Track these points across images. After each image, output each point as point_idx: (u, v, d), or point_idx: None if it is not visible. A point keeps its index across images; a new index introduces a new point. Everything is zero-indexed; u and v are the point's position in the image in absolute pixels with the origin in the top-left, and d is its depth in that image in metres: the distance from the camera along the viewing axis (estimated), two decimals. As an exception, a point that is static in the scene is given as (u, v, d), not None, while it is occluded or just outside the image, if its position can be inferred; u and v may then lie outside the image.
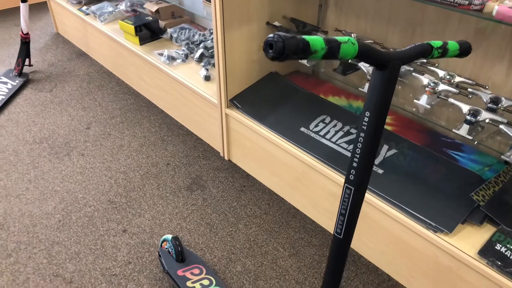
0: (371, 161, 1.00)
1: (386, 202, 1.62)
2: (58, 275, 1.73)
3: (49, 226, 1.94)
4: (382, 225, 1.66)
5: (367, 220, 1.72)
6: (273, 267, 1.78)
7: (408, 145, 1.80)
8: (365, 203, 1.68)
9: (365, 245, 1.79)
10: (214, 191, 2.13)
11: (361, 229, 1.76)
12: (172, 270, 1.65)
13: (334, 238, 1.08)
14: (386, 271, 1.76)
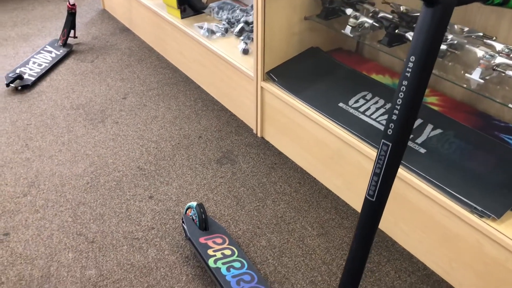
0: (414, 115, 0.89)
1: (427, 183, 1.49)
2: (81, 234, 1.72)
3: (77, 187, 1.94)
4: (421, 208, 1.53)
5: (405, 203, 1.59)
6: (299, 245, 1.69)
7: (456, 126, 1.65)
8: (403, 183, 1.56)
9: (400, 231, 1.67)
10: (244, 166, 2.06)
11: (397, 213, 1.64)
12: (194, 237, 1.59)
13: (366, 201, 0.98)
14: (422, 259, 1.63)
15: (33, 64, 2.77)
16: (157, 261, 1.62)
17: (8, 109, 2.43)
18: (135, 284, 1.54)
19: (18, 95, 2.55)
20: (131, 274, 1.57)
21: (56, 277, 1.55)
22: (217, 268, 1.49)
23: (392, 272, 1.59)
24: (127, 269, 1.59)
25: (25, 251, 1.65)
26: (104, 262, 1.61)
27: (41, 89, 2.62)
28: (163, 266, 1.60)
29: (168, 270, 1.59)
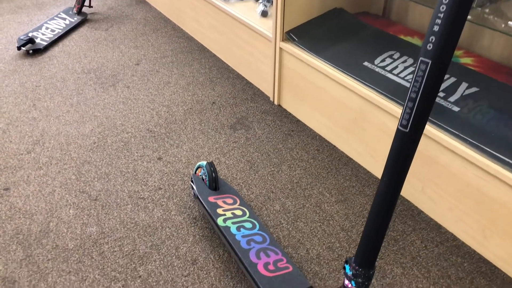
0: (459, 26, 0.75)
1: (461, 142, 1.34)
2: (84, 191, 1.62)
3: (83, 146, 1.84)
4: (454, 171, 1.39)
5: (435, 167, 1.45)
6: (316, 211, 1.56)
7: (494, 83, 1.50)
8: (433, 143, 1.41)
9: (428, 198, 1.52)
10: (259, 132, 1.94)
11: (425, 178, 1.50)
12: (203, 196, 1.47)
13: (398, 134, 0.85)
14: (451, 230, 1.48)
15: (46, 30, 2.70)
16: (162, 221, 1.51)
17: (18, 71, 2.36)
18: (138, 242, 1.43)
19: (29, 59, 2.48)
20: (134, 233, 1.46)
21: (55, 233, 1.46)
22: (226, 227, 1.37)
23: (418, 242, 1.45)
24: (130, 228, 1.48)
25: (24, 206, 1.56)
26: (106, 220, 1.51)
27: (53, 53, 2.55)
28: (169, 226, 1.49)
29: (174, 230, 1.48)
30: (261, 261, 1.27)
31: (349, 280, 0.97)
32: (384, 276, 1.34)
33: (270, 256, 1.30)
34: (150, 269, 1.35)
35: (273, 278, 1.22)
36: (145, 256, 1.39)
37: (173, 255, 1.39)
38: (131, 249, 1.41)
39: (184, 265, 1.36)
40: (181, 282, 1.31)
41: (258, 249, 1.31)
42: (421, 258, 1.40)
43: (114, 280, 1.31)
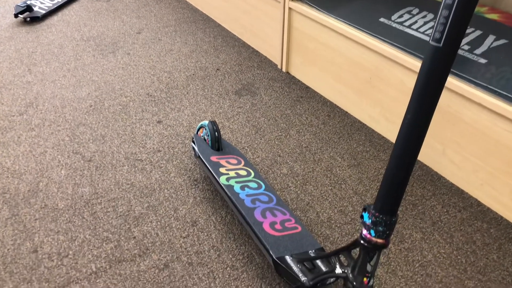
0: None
1: (489, 93, 1.21)
2: (78, 152, 1.51)
3: (78, 109, 1.73)
4: (480, 128, 1.26)
5: (457, 125, 1.32)
6: (326, 175, 1.44)
7: (524, 36, 1.37)
8: (457, 98, 1.29)
9: (449, 162, 1.39)
10: (266, 98, 1.82)
11: (447, 139, 1.37)
12: (205, 155, 1.36)
13: (429, 50, 0.72)
14: (475, 195, 1.36)
15: (45, -1, 2.59)
16: (161, 182, 1.40)
17: (14, 38, 2.26)
18: (134, 203, 1.32)
19: (26, 26, 2.38)
20: (130, 194, 1.35)
21: (45, 193, 1.35)
22: (229, 185, 1.25)
23: (439, 207, 1.32)
24: (126, 189, 1.37)
25: (13, 165, 1.45)
26: (100, 181, 1.40)
27: (51, 22, 2.44)
28: (168, 187, 1.38)
29: (173, 191, 1.36)
30: (267, 220, 1.16)
31: (367, 229, 0.85)
32: (403, 240, 1.22)
33: (277, 215, 1.18)
34: (145, 230, 1.23)
35: (280, 238, 1.10)
36: (140, 217, 1.28)
37: (171, 217, 1.28)
38: (125, 210, 1.30)
39: (183, 227, 1.25)
40: (179, 243, 1.20)
41: (264, 208, 1.19)
42: (442, 223, 1.27)
43: (106, 240, 1.20)
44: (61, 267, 1.13)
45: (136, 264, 1.14)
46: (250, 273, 1.12)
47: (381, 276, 1.12)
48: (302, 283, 0.99)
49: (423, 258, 1.17)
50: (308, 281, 0.99)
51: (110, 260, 1.15)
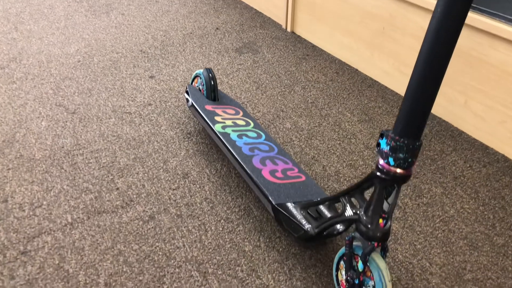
0: None
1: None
2: (61, 105, 1.38)
3: (65, 64, 1.60)
4: (510, 71, 1.11)
5: (482, 70, 1.17)
6: (334, 129, 1.30)
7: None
8: (482, 37, 1.14)
9: (472, 115, 1.25)
10: (269, 56, 1.68)
11: (468, 88, 1.22)
12: (199, 103, 1.22)
13: None
14: (501, 150, 1.21)
15: (37, -37, 2.46)
16: (150, 135, 1.26)
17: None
18: (119, 155, 1.18)
19: (16, -12, 2.25)
20: (115, 145, 1.22)
21: (21, 143, 1.21)
22: (224, 133, 1.11)
23: (461, 162, 1.18)
24: (111, 140, 1.23)
25: (-11, 117, 1.32)
26: (84, 133, 1.26)
27: (43, -15, 2.31)
28: (158, 140, 1.24)
29: (163, 144, 1.23)
30: (267, 167, 1.01)
31: (385, 157, 0.71)
32: (420, 195, 1.07)
33: (278, 164, 1.04)
34: (130, 181, 1.10)
35: (281, 185, 0.96)
36: (126, 168, 1.14)
37: (160, 169, 1.14)
38: (109, 161, 1.16)
39: (172, 179, 1.11)
40: (168, 195, 1.06)
41: (263, 157, 1.05)
42: (465, 178, 1.13)
43: (86, 191, 1.07)
44: (32, 217, 0.99)
45: (118, 216, 1.00)
46: (247, 226, 0.98)
47: (396, 232, 0.98)
48: (306, 231, 0.85)
49: (444, 214, 1.02)
50: (312, 229, 0.85)
51: (88, 211, 1.01)
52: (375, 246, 0.75)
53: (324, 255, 0.92)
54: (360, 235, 0.76)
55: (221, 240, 0.95)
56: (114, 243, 0.94)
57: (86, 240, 0.94)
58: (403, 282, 0.87)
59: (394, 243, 0.95)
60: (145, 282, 0.86)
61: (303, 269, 0.89)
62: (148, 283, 0.86)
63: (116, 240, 0.94)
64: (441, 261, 0.91)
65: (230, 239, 0.95)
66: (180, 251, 0.93)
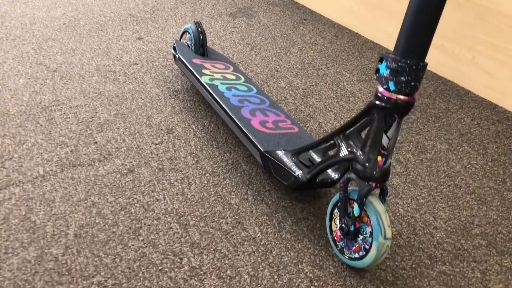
0: None
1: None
2: (42, 63, 1.30)
3: (50, 26, 1.52)
4: (520, 19, 1.03)
5: (493, 21, 1.09)
6: (332, 88, 1.21)
7: None
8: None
9: (480, 72, 1.16)
10: (264, 20, 1.60)
11: (477, 43, 1.14)
12: (186, 57, 1.14)
13: None
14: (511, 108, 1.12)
15: None
16: (134, 92, 1.18)
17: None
18: (100, 111, 1.10)
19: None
20: (96, 102, 1.13)
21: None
22: (212, 85, 1.03)
23: (467, 120, 1.09)
24: (92, 97, 1.15)
25: (-35, 74, 1.24)
26: (64, 90, 1.18)
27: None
28: (142, 97, 1.16)
29: (148, 101, 1.14)
30: (256, 118, 0.93)
31: (384, 82, 0.62)
32: (424, 151, 0.99)
33: (269, 116, 0.96)
34: (110, 136, 1.02)
35: (271, 135, 0.88)
36: (106, 123, 1.06)
37: (142, 124, 1.06)
38: (89, 117, 1.08)
39: (156, 134, 1.03)
40: (150, 149, 0.98)
41: (253, 108, 0.97)
42: (472, 135, 1.04)
43: (61, 145, 0.98)
44: (1, 169, 0.91)
45: (94, 169, 0.92)
46: (234, 179, 0.90)
47: (397, 186, 0.90)
48: (296, 178, 0.77)
49: (450, 169, 0.94)
50: (304, 175, 0.76)
51: (62, 164, 0.93)
52: (372, 186, 0.66)
53: (317, 208, 0.84)
54: (356, 176, 0.68)
55: (205, 193, 0.87)
56: (87, 195, 0.86)
57: (57, 192, 0.86)
58: (404, 236, 0.79)
59: (395, 198, 0.87)
60: (119, 233, 0.78)
61: (294, 222, 0.81)
62: (122, 234, 0.78)
63: (90, 192, 0.86)
64: (446, 216, 0.83)
65: (215, 192, 0.87)
66: (160, 203, 0.84)
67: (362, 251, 0.69)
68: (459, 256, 0.76)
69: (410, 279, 0.72)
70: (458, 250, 0.77)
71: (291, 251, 0.75)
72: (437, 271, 0.73)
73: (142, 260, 0.73)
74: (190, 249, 0.75)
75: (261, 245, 0.76)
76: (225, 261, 0.73)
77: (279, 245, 0.76)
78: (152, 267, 0.72)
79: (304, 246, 0.76)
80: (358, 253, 0.70)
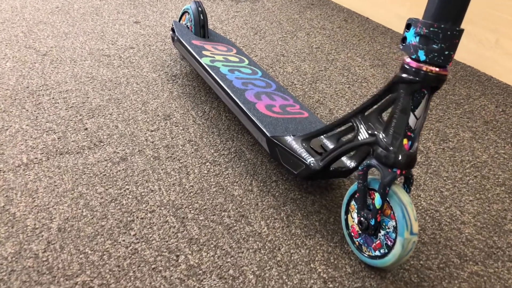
0: None
1: None
2: (32, 47, 1.21)
3: (42, 9, 1.43)
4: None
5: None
6: (343, 73, 1.13)
7: None
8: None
9: (504, 56, 1.07)
10: (269, 4, 1.51)
11: (501, 23, 1.05)
12: (185, 38, 1.05)
13: None
14: (539, 94, 1.03)
15: None
16: (129, 77, 1.09)
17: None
18: (91, 96, 1.01)
19: None
20: (88, 86, 1.05)
21: (-20, 84, 1.05)
22: (213, 66, 0.94)
23: (491, 107, 1.00)
24: (84, 81, 1.07)
25: None
26: (54, 74, 1.09)
27: None
28: (137, 82, 1.07)
29: (143, 86, 1.06)
30: (262, 101, 0.84)
31: (413, 52, 0.53)
32: (445, 139, 0.90)
33: (275, 100, 0.87)
34: (101, 122, 0.93)
35: (279, 119, 0.79)
36: (98, 109, 0.97)
37: (137, 110, 0.97)
38: (79, 102, 0.99)
39: (151, 120, 0.94)
40: (145, 136, 0.89)
41: (258, 91, 0.88)
42: (498, 123, 0.95)
43: (48, 131, 0.90)
44: (-20, 157, 0.83)
45: (83, 157, 0.84)
46: (237, 169, 0.81)
47: (418, 177, 0.81)
48: (308, 166, 0.68)
49: (475, 159, 0.85)
50: (316, 162, 0.68)
51: (48, 152, 0.85)
52: (397, 174, 0.58)
53: (329, 201, 0.75)
54: (377, 162, 0.59)
55: (205, 183, 0.78)
56: (74, 185, 0.77)
57: (41, 181, 0.78)
58: (428, 232, 0.70)
59: (416, 190, 0.78)
60: (108, 227, 0.69)
61: (304, 216, 0.72)
62: (112, 228, 0.69)
63: (78, 182, 0.78)
64: (475, 210, 0.74)
65: (216, 183, 0.78)
66: (155, 194, 0.76)
67: (384, 248, 0.60)
68: (492, 255, 0.67)
69: (438, 281, 0.63)
70: (490, 248, 0.68)
71: (301, 248, 0.67)
72: (468, 271, 0.65)
73: (133, 257, 0.65)
74: (187, 245, 0.67)
75: (267, 241, 0.68)
76: (227, 259, 0.65)
77: (288, 242, 0.68)
78: (144, 266, 0.63)
79: (316, 243, 0.68)
80: (379, 250, 0.61)
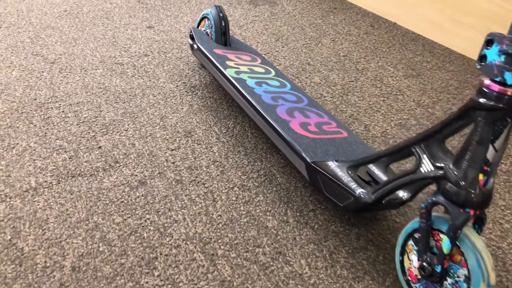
0: None
1: None
2: (39, 54, 1.13)
3: (49, 13, 1.35)
4: None
5: None
6: (375, 85, 1.04)
7: None
8: None
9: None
10: (289, 8, 1.43)
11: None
12: (207, 47, 0.97)
13: None
14: None
15: None
16: (145, 88, 1.01)
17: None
18: (105, 109, 0.93)
19: None
20: (101, 98, 0.97)
21: (-16, 95, 0.97)
22: (239, 79, 0.86)
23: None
24: (96, 93, 0.98)
25: (-50, 66, 1.07)
26: (63, 84, 1.01)
27: None
28: (154, 93, 0.99)
29: (160, 98, 0.97)
30: (296, 119, 0.76)
31: (497, 73, 0.45)
32: (497, 161, 0.81)
33: (310, 117, 0.79)
34: (116, 140, 0.85)
35: (317, 140, 0.71)
36: (112, 124, 0.89)
37: (155, 125, 0.89)
38: (92, 116, 0.91)
39: (171, 137, 0.86)
40: (165, 156, 0.81)
41: (290, 107, 0.80)
42: (552, 142, 0.87)
43: (59, 150, 0.82)
44: (-16, 180, 0.75)
45: (98, 180, 0.75)
46: (269, 195, 0.73)
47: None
48: (357, 198, 0.59)
49: (533, 184, 0.77)
50: (367, 194, 0.59)
51: (59, 174, 0.76)
52: (470, 214, 0.49)
53: (376, 235, 0.67)
54: (446, 199, 0.51)
55: (234, 212, 0.70)
56: (89, 214, 0.69)
57: (52, 209, 0.70)
58: (492, 273, 0.62)
59: (472, 221, 0.69)
60: (128, 266, 0.61)
61: (349, 253, 0.64)
62: (133, 267, 0.61)
63: (93, 210, 0.70)
64: (542, 246, 0.66)
65: (246, 212, 0.70)
66: (179, 225, 0.67)
67: (451, 300, 0.52)
68: None
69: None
70: None
71: (349, 292, 0.58)
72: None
73: (158, 304, 0.56)
74: (220, 289, 0.58)
75: (310, 285, 0.59)
76: (266, 306, 0.56)
77: (334, 285, 0.59)
78: (171, 315, 0.55)
79: (366, 287, 0.59)
80: (445, 301, 0.53)
